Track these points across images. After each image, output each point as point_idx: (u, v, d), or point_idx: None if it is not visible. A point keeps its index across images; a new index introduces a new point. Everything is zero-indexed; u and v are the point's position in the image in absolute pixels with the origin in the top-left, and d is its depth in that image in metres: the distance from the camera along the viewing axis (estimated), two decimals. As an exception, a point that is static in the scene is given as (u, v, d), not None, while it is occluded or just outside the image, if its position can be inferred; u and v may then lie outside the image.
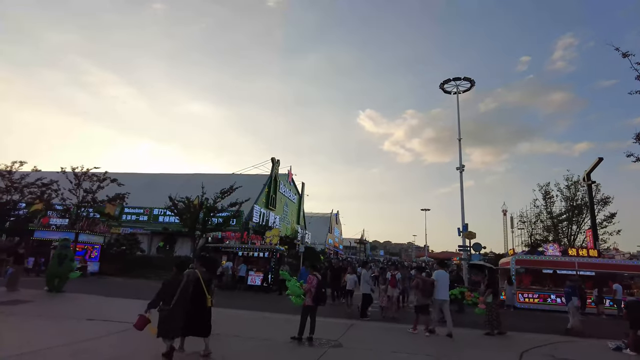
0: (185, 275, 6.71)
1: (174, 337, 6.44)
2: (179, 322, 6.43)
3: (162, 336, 6.30)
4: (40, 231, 25.41)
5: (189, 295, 6.58)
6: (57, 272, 14.09)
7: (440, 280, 10.68)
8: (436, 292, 10.57)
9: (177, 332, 6.52)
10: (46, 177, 30.80)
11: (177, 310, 6.37)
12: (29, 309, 10.59)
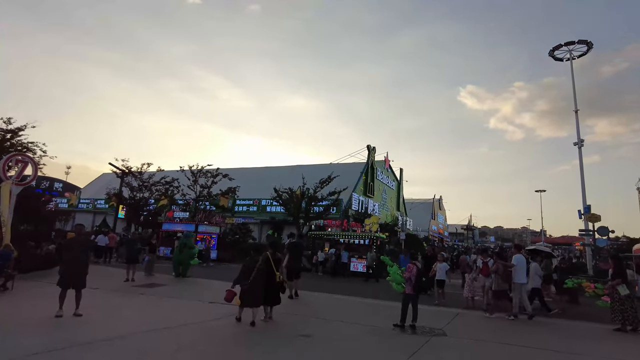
0: (260, 258, 8.29)
1: (252, 306, 7.95)
2: (257, 295, 8.05)
3: (244, 306, 7.99)
4: (167, 223, 28.88)
5: (263, 273, 8.17)
6: (180, 259, 16.07)
7: (518, 265, 10.93)
8: (515, 276, 10.83)
9: (256, 303, 8.03)
10: (169, 175, 34.81)
11: (255, 285, 7.98)
12: (163, 291, 12.23)
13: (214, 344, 6.58)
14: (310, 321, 8.88)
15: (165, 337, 6.82)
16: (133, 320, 8.03)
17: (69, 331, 6.73)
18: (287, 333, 7.54)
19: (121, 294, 11.43)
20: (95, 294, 10.28)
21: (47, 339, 6.14)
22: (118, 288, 12.31)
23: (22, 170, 14.66)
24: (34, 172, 15.28)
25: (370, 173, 43.47)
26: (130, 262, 14.31)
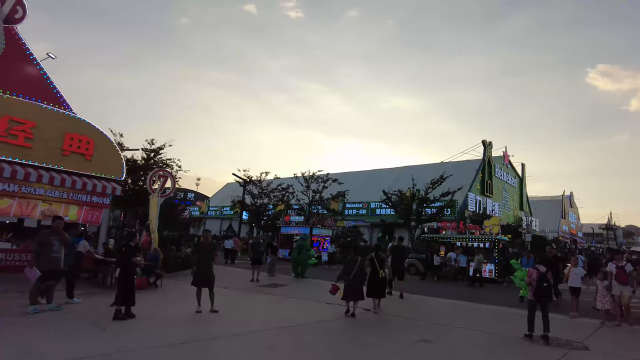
0: (359, 257, 9.59)
1: (353, 299, 9.10)
2: (358, 290, 9.15)
3: (345, 299, 9.19)
4: (284, 227, 30.66)
5: (363, 270, 9.44)
6: (298, 260, 16.94)
7: None
8: None
9: (356, 297, 9.11)
10: (284, 182, 36.98)
11: (355, 281, 9.14)
12: (285, 291, 13.00)
13: (333, 345, 6.78)
14: (427, 326, 8.62)
15: (288, 335, 7.24)
16: (260, 318, 8.68)
17: (206, 325, 7.55)
18: (405, 337, 7.41)
19: (248, 292, 12.45)
20: (226, 292, 11.37)
21: (190, 332, 6.98)
22: (245, 287, 13.44)
23: (164, 184, 16.90)
24: (172, 185, 17.49)
25: (487, 170, 40.65)
26: (255, 263, 15.49)
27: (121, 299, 7.60)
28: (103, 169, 14.61)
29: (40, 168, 12.98)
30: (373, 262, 9.97)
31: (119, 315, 7.50)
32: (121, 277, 7.76)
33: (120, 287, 7.67)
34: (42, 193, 13.14)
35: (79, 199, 13.97)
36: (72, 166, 13.77)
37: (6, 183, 12.35)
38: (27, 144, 12.82)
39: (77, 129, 14.01)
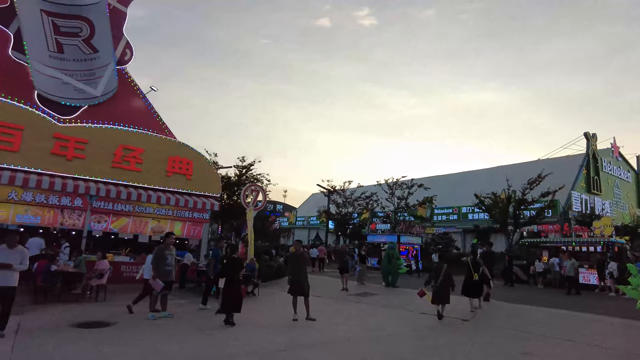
0: (444, 264, 10.23)
1: (441, 303, 9.60)
2: (445, 294, 9.68)
3: (434, 302, 9.67)
4: (370, 235, 30.50)
5: (450, 277, 9.84)
6: (388, 269, 16.72)
7: None
8: None
9: (443, 300, 9.64)
10: (368, 190, 36.89)
11: (442, 285, 9.65)
12: (375, 300, 12.91)
13: (431, 356, 6.57)
14: (530, 338, 7.95)
15: (383, 344, 7.17)
16: (354, 326, 8.71)
17: (304, 333, 7.78)
18: (508, 350, 6.91)
19: (340, 301, 12.58)
20: (319, 300, 11.60)
21: (289, 339, 7.25)
22: (336, 296, 13.59)
23: (256, 198, 17.89)
24: (264, 198, 18.41)
25: (592, 165, 36.65)
26: (342, 272, 15.61)
27: (228, 306, 8.18)
28: (202, 187, 15.90)
29: (149, 189, 14.52)
30: (468, 266, 11.16)
31: (229, 321, 8.12)
32: (226, 286, 8.35)
33: (225, 296, 8.27)
34: (152, 211, 14.70)
35: (182, 216, 15.36)
36: (175, 186, 15.19)
37: (123, 204, 14.05)
38: (138, 168, 14.45)
39: (178, 152, 15.46)
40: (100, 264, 10.83)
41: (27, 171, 12.40)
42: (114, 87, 14.61)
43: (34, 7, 12.13)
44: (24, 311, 8.34)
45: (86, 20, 12.80)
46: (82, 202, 13.38)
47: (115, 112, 14.51)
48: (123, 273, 13.84)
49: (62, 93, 13.60)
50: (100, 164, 13.72)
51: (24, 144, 12.43)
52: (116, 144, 14.08)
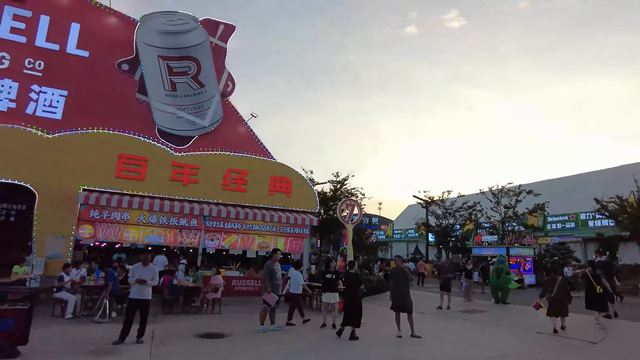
0: (559, 276, 10.04)
1: (558, 315, 9.51)
2: (561, 306, 9.54)
3: (550, 315, 9.56)
4: (476, 248, 28.76)
5: (565, 289, 9.74)
6: (497, 284, 15.52)
7: None
8: None
9: (560, 313, 9.53)
10: (469, 200, 34.92)
11: (557, 298, 9.55)
12: (484, 318, 12.09)
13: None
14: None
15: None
16: (461, 345, 8.27)
17: (409, 350, 7.59)
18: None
19: (445, 318, 12.03)
20: (422, 317, 11.24)
21: (394, 355, 7.14)
22: (441, 312, 13.03)
23: (352, 212, 18.05)
24: (359, 212, 18.51)
25: None
26: (443, 289, 14.32)
27: (349, 321, 8.38)
28: (301, 204, 16.59)
29: (254, 208, 15.56)
30: (588, 278, 10.80)
31: (353, 336, 8.30)
32: (347, 301, 8.69)
33: (346, 311, 8.56)
34: (257, 228, 15.69)
35: (284, 231, 16.14)
36: (277, 203, 16.08)
37: (232, 222, 15.24)
38: (244, 189, 15.61)
39: (279, 172, 16.39)
40: (214, 279, 11.82)
41: (152, 197, 14.15)
42: (219, 117, 16.08)
43: (153, 54, 14.01)
44: (156, 321, 9.42)
45: (193, 60, 14.39)
46: (197, 222, 14.80)
47: (222, 139, 15.93)
48: (234, 287, 14.89)
49: (177, 126, 15.35)
50: (212, 187, 15.12)
51: (148, 173, 14.24)
52: (224, 168, 15.41)
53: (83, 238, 13.58)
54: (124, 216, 13.80)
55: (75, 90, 14.24)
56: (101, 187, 13.59)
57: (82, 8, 14.95)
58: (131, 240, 14.31)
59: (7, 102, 13.43)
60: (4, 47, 13.63)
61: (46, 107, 13.91)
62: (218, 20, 16.33)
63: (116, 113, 14.55)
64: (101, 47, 14.77)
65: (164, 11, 15.02)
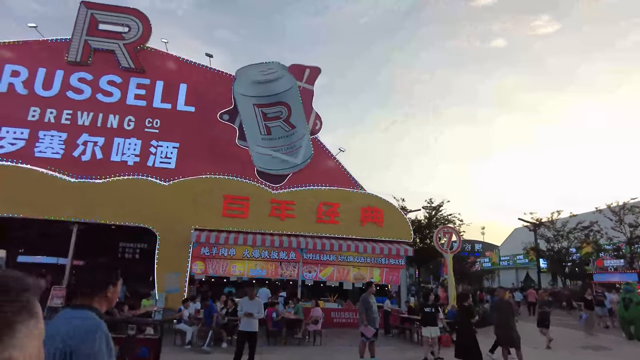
0: None
1: None
2: None
3: None
4: (598, 274, 25.53)
5: None
6: (626, 316, 13.57)
7: None
8: None
9: None
10: (584, 219, 31.32)
11: None
12: (612, 355, 10.65)
13: None
14: None
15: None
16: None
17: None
18: None
19: (561, 352, 10.85)
20: (536, 353, 10.29)
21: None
22: (556, 347, 11.76)
23: (450, 239, 17.43)
24: (458, 239, 17.80)
25: None
26: (539, 325, 12.03)
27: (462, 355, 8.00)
28: (393, 233, 16.50)
29: (347, 239, 15.86)
30: None
31: None
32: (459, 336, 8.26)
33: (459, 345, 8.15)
34: (352, 260, 15.90)
35: (379, 262, 16.11)
36: (369, 234, 16.21)
37: (328, 254, 15.68)
38: (336, 221, 16.05)
39: (369, 202, 16.59)
40: (314, 311, 12.20)
41: (254, 232, 15.23)
42: (310, 154, 16.95)
43: (249, 103, 15.49)
44: (262, 352, 9.97)
45: (284, 104, 15.56)
46: (295, 255, 15.50)
47: (313, 175, 16.72)
48: (333, 319, 15.12)
49: (273, 166, 16.50)
50: (307, 220, 15.83)
51: (250, 211, 15.42)
52: (317, 202, 16.07)
53: (196, 273, 15.02)
54: (230, 252, 15.02)
55: (185, 142, 16.20)
56: (210, 226, 15.04)
57: (188, 70, 17.20)
58: (237, 274, 15.45)
59: (133, 157, 15.75)
60: (130, 111, 16.15)
61: (162, 158, 15.99)
62: (304, 65, 17.54)
63: (220, 159, 16.17)
64: (204, 101, 16.71)
65: (255, 63, 16.61)
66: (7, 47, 16.39)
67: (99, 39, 16.65)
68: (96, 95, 16.13)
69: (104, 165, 15.39)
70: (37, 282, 0.85)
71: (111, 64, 16.53)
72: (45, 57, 16.34)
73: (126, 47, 16.59)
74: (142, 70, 16.63)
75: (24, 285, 0.81)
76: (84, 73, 16.30)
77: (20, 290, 0.79)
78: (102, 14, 16.89)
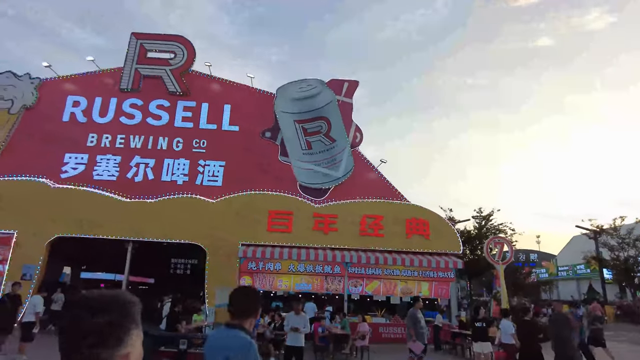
0: None
1: None
2: None
3: None
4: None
5: None
6: None
7: None
8: None
9: None
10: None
11: None
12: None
13: None
14: None
15: None
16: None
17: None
18: None
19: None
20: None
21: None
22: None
23: (501, 250, 16.71)
24: (510, 249, 17.01)
25: None
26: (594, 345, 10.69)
27: None
28: (441, 245, 16.01)
29: (393, 252, 15.57)
30: None
31: None
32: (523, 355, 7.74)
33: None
34: (399, 273, 15.56)
35: (427, 276, 15.65)
36: (416, 247, 15.82)
37: (373, 268, 15.44)
38: (380, 234, 15.83)
39: (414, 214, 16.24)
40: (361, 326, 12.01)
41: (298, 247, 15.32)
42: (351, 167, 16.91)
43: (289, 120, 15.80)
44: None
45: (324, 119, 15.72)
46: (340, 269, 15.40)
47: (355, 188, 16.64)
48: (381, 334, 14.81)
49: (315, 180, 16.61)
50: (350, 234, 15.72)
51: (294, 225, 15.56)
52: (360, 215, 15.95)
53: (244, 288, 15.27)
54: (276, 266, 15.19)
55: (230, 160, 16.71)
56: (256, 241, 15.32)
57: (231, 91, 17.84)
58: (283, 289, 15.56)
59: (182, 176, 16.44)
60: (178, 133, 16.94)
61: (210, 177, 16.56)
62: (342, 79, 17.69)
63: (264, 175, 16.51)
64: (247, 120, 17.21)
65: (294, 81, 16.95)
66: (69, 80, 17.84)
67: (148, 67, 17.71)
68: (146, 120, 17.11)
69: (155, 185, 16.17)
70: (138, 299, 1.15)
71: (159, 89, 17.48)
72: (101, 86, 17.63)
73: (173, 73, 17.49)
74: (188, 93, 17.44)
75: (132, 300, 1.14)
76: (135, 99, 17.37)
77: (130, 305, 1.13)
78: (150, 42, 17.99)
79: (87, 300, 1.10)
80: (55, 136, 16.58)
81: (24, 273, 14.42)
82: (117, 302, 1.12)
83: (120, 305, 1.11)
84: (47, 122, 16.82)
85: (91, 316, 1.06)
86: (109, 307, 1.09)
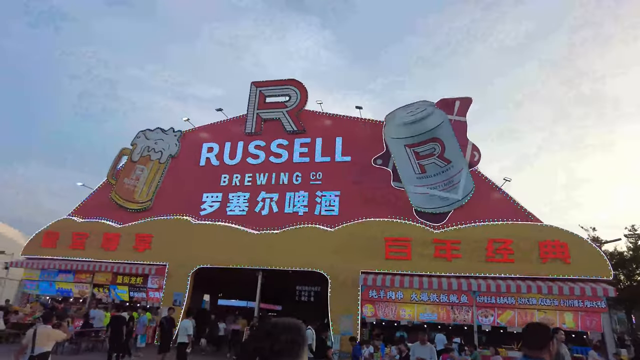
0: None
1: None
2: None
3: None
4: None
5: None
6: None
7: None
8: None
9: None
10: None
11: None
12: None
13: None
14: None
15: None
16: None
17: None
18: None
19: None
20: None
21: None
22: None
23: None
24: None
25: None
26: None
27: None
28: (585, 270, 14.04)
29: (527, 279, 14.13)
30: None
31: None
32: None
33: None
34: (536, 302, 13.99)
35: (570, 305, 13.79)
36: (553, 272, 14.13)
37: (505, 297, 14.16)
38: (510, 259, 14.53)
39: (548, 236, 14.61)
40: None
41: (420, 275, 14.85)
42: (471, 188, 16.03)
43: (400, 145, 15.79)
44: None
45: (437, 140, 15.34)
46: (467, 298, 14.46)
47: (477, 210, 15.67)
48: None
49: (432, 204, 16.11)
50: (476, 260, 14.75)
51: (413, 252, 15.22)
52: (485, 239, 14.91)
53: (367, 316, 15.26)
54: (398, 295, 14.90)
55: (344, 189, 17.24)
56: (375, 269, 15.32)
57: (342, 124, 18.64)
58: (407, 318, 15.11)
59: (303, 207, 17.46)
60: (297, 168, 18.19)
61: (327, 206, 17.26)
62: (453, 97, 17.15)
63: (378, 202, 16.60)
64: (359, 150, 17.65)
65: (402, 106, 16.99)
66: (203, 129, 20.70)
67: (267, 111, 19.63)
68: (269, 158, 18.80)
69: (280, 217, 17.45)
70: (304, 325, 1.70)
71: (278, 130, 19.15)
72: (229, 132, 20.03)
73: (289, 114, 19.06)
74: (304, 130, 18.72)
75: (302, 326, 1.65)
76: (258, 141, 19.29)
77: (302, 328, 1.63)
78: (268, 89, 19.99)
79: (275, 324, 1.61)
80: (195, 179, 19.22)
81: (175, 299, 16.67)
82: (295, 326, 1.61)
83: (297, 328, 1.61)
84: (188, 167, 19.66)
85: (279, 334, 1.53)
86: (290, 329, 1.57)
